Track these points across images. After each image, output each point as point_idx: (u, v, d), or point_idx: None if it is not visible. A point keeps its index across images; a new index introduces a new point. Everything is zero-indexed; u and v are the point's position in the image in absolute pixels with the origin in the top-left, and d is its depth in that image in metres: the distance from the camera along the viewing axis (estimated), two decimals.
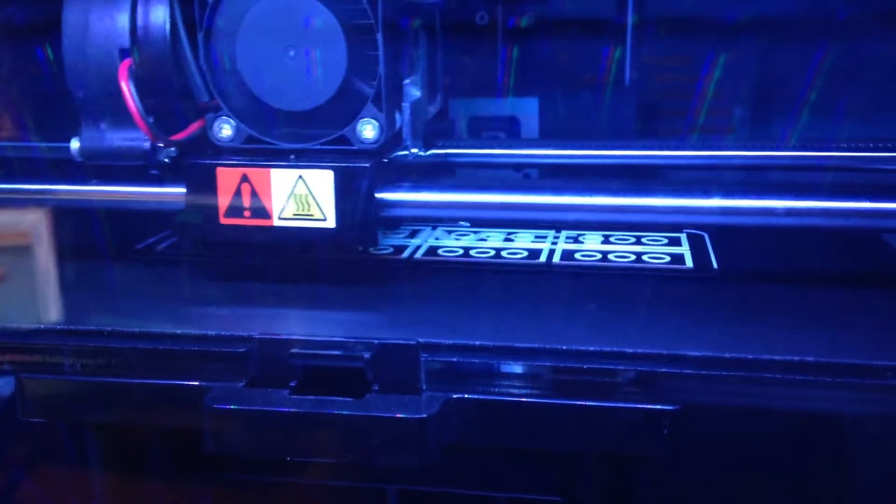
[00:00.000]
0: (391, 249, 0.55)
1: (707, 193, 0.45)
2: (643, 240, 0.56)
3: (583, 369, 0.39)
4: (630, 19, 0.68)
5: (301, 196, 0.45)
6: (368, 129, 0.46)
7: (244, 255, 0.52)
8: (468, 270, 0.52)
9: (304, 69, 0.45)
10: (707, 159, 0.57)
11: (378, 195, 0.46)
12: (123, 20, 0.46)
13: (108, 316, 0.43)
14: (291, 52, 0.45)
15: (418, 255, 0.54)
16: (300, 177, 0.45)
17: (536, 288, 0.49)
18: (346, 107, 0.46)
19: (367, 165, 0.45)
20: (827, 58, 0.57)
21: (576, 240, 0.56)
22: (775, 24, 0.59)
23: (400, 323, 0.44)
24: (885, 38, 0.56)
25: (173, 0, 0.46)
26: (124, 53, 0.46)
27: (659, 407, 0.38)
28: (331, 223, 0.45)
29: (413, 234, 0.58)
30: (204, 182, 0.46)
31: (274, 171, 0.45)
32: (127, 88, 0.45)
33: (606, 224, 0.59)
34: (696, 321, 0.43)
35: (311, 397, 0.39)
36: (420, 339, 0.40)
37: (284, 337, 0.41)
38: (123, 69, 0.45)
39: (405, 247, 0.55)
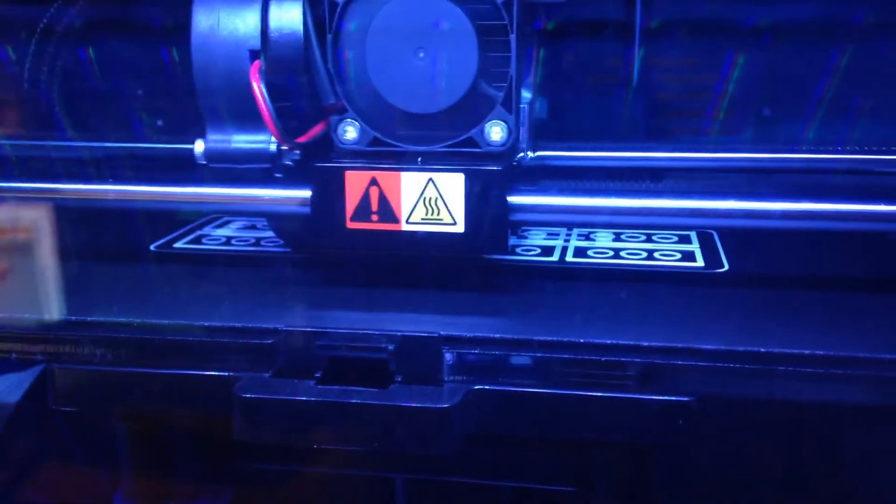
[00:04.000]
0: None
1: (716, 195, 0.46)
2: (654, 238, 0.57)
3: (600, 362, 0.40)
4: (638, 22, 0.69)
5: (431, 199, 0.45)
6: (496, 132, 0.45)
7: (369, 259, 0.50)
8: (484, 266, 0.53)
9: (434, 71, 0.44)
10: (716, 162, 0.58)
11: (510, 199, 0.45)
12: (254, 21, 0.46)
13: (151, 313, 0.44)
14: (421, 54, 0.44)
15: None
16: (430, 180, 0.44)
17: (551, 284, 0.50)
18: (473, 108, 0.45)
19: (499, 168, 0.44)
20: (839, 60, 0.58)
21: (587, 237, 0.57)
22: (786, 25, 0.60)
23: (423, 316, 0.45)
24: None
25: (305, 1, 0.45)
26: (254, 55, 0.46)
27: (674, 398, 0.39)
28: (460, 228, 0.45)
29: None
30: (331, 185, 0.45)
31: (404, 175, 0.45)
32: (259, 90, 0.44)
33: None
34: (709, 316, 0.44)
35: (337, 387, 0.40)
36: (442, 332, 0.41)
37: (310, 329, 0.42)
38: (255, 70, 0.45)
39: None
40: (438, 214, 0.45)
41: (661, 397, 0.39)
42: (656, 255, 0.54)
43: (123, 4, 0.63)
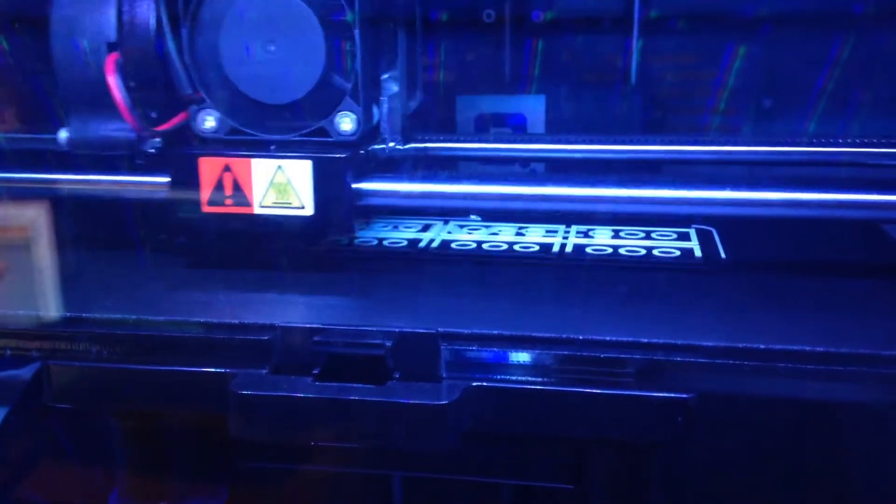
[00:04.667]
0: (405, 242, 0.56)
1: (713, 186, 0.46)
2: (653, 234, 0.57)
3: (598, 358, 0.40)
4: (636, 16, 0.68)
5: (280, 185, 0.47)
6: (346, 122, 0.48)
7: (230, 242, 0.52)
8: (482, 263, 0.53)
9: (284, 63, 0.47)
10: (713, 154, 0.58)
11: (354, 185, 0.48)
12: (110, 14, 0.47)
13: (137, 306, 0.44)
14: (272, 47, 0.47)
15: (432, 248, 0.55)
16: (279, 166, 0.47)
17: (550, 280, 0.50)
18: (325, 100, 0.48)
19: (344, 156, 0.47)
20: (836, 53, 0.58)
21: (586, 234, 0.57)
22: (783, 20, 0.59)
23: (420, 313, 0.45)
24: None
25: None
26: (111, 47, 0.47)
27: (673, 395, 0.39)
28: (308, 211, 0.47)
29: (426, 229, 0.59)
30: (187, 172, 0.48)
31: (255, 161, 0.47)
32: (113, 81, 0.47)
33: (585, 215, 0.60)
34: (709, 312, 0.44)
35: (334, 384, 0.40)
36: (440, 329, 0.41)
37: (307, 325, 0.41)
38: (110, 63, 0.47)
39: (418, 240, 0.56)
40: (288, 199, 0.47)
41: (660, 394, 0.39)
42: (655, 251, 0.53)
43: None
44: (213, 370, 0.41)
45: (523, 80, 0.74)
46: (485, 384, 0.40)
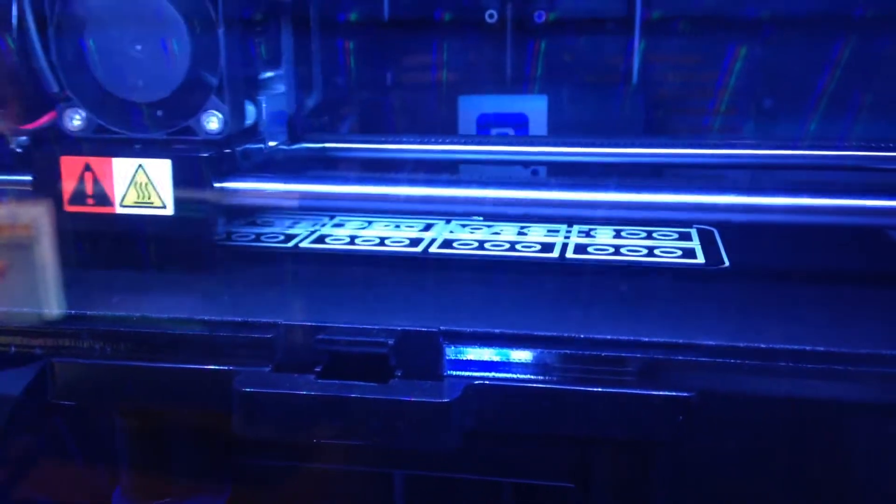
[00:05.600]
0: (407, 242, 0.56)
1: (715, 191, 0.46)
2: (654, 234, 0.57)
3: (600, 357, 0.40)
4: (638, 17, 0.69)
5: (141, 184, 0.48)
6: (213, 121, 0.48)
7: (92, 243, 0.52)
8: (484, 262, 0.53)
9: (149, 62, 0.47)
10: (715, 158, 0.58)
11: (217, 184, 0.48)
12: None
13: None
14: (137, 46, 0.47)
15: (433, 248, 0.55)
16: (140, 165, 0.48)
17: (552, 280, 0.50)
18: (193, 99, 0.48)
19: (206, 155, 0.48)
20: (837, 56, 0.58)
21: (588, 234, 0.57)
22: (784, 22, 0.60)
23: (422, 311, 0.45)
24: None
25: None
26: None
27: (674, 394, 0.39)
28: (169, 210, 0.48)
29: (427, 228, 0.59)
30: (49, 170, 0.48)
31: (115, 161, 0.48)
32: None
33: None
34: (710, 312, 0.45)
35: (337, 382, 0.40)
36: (442, 327, 0.41)
37: (310, 324, 0.42)
38: None
39: (420, 240, 0.56)
40: (149, 198, 0.48)
41: (661, 393, 0.39)
42: (657, 251, 0.54)
43: None
44: (215, 368, 0.41)
45: (525, 80, 0.75)
46: (486, 382, 0.40)
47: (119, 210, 0.48)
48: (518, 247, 0.55)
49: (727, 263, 0.51)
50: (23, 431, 0.51)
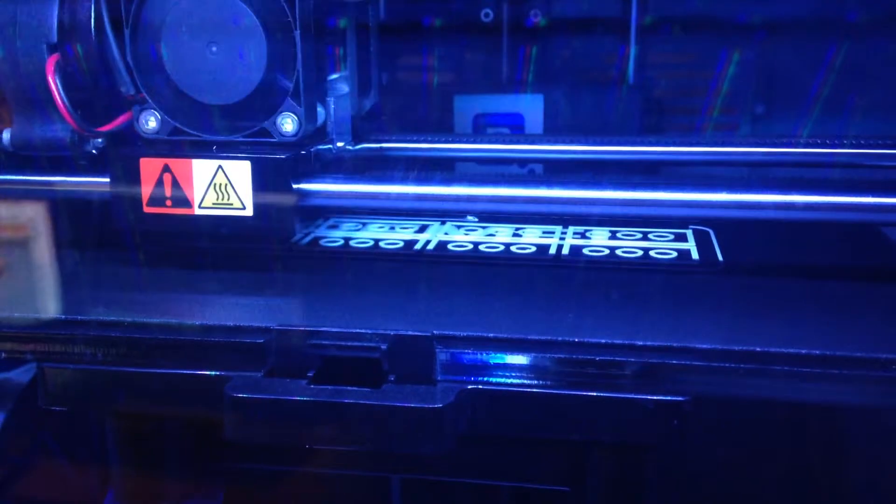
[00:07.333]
0: (402, 244, 0.56)
1: (710, 188, 0.46)
2: (650, 235, 0.57)
3: (594, 361, 0.40)
4: (634, 17, 0.69)
5: (221, 185, 0.47)
6: (288, 123, 0.48)
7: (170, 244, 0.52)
8: (478, 264, 0.52)
9: (225, 65, 0.47)
10: (711, 155, 0.58)
11: (296, 185, 0.48)
12: (51, 15, 0.48)
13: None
14: (214, 48, 0.47)
15: (429, 249, 0.55)
16: (220, 167, 0.47)
17: (547, 282, 0.50)
18: (267, 101, 0.48)
19: (284, 157, 0.47)
20: (833, 56, 0.58)
21: (583, 235, 0.57)
22: (780, 22, 0.59)
23: (416, 315, 0.45)
24: (891, 38, 0.57)
25: None
26: (52, 48, 0.48)
27: (669, 398, 0.39)
28: (248, 212, 0.48)
29: (422, 230, 0.59)
30: (127, 172, 0.48)
31: (195, 162, 0.48)
32: (53, 83, 0.47)
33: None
34: (705, 315, 0.44)
35: (329, 387, 0.40)
36: (435, 331, 0.41)
37: (302, 328, 0.41)
38: (50, 64, 0.47)
39: (415, 241, 0.56)
40: (228, 200, 0.48)
41: (655, 397, 0.39)
42: (652, 252, 0.53)
43: None
44: (208, 373, 0.41)
45: (521, 80, 0.74)
46: (480, 387, 0.40)
47: (198, 211, 0.48)
48: (513, 248, 0.55)
49: (722, 265, 0.51)
50: (14, 436, 0.50)
